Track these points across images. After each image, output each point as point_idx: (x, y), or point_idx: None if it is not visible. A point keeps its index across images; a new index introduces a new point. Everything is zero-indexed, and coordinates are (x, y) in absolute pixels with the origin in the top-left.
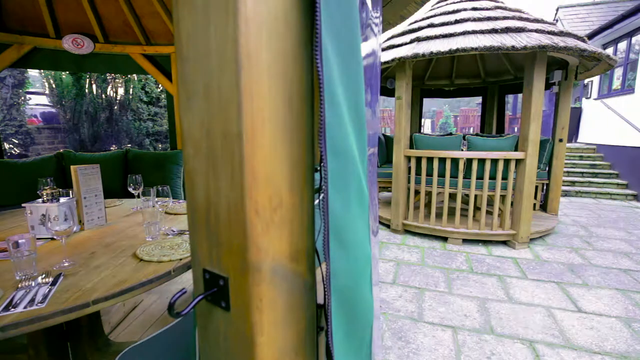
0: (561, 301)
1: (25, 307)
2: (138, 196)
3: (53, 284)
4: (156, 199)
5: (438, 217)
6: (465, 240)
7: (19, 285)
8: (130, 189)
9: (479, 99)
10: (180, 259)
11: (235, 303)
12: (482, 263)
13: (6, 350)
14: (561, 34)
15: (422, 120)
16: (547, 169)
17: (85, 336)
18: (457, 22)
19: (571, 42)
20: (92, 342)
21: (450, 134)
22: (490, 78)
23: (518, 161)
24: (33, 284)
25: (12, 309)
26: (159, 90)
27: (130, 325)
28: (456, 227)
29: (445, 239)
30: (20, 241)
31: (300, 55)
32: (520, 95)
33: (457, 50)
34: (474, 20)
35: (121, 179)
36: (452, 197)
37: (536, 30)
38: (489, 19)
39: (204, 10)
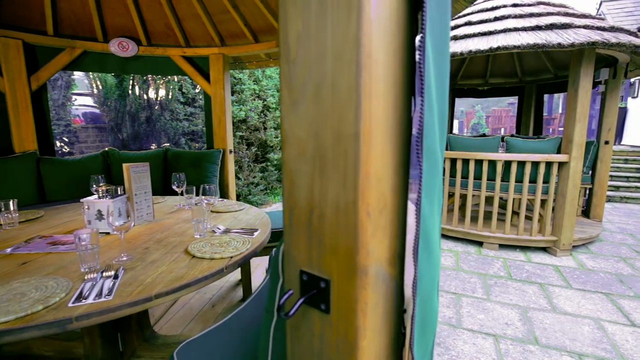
0: (611, 313)
1: (94, 299)
2: (181, 194)
3: (115, 277)
4: (202, 197)
5: (473, 220)
6: (501, 246)
7: (85, 278)
8: (173, 187)
9: (510, 99)
10: (231, 257)
11: (337, 306)
12: (521, 270)
13: (63, 337)
14: (612, 29)
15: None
16: (590, 172)
17: (134, 327)
18: (496, 19)
19: (624, 38)
20: (140, 333)
21: (484, 134)
22: (528, 77)
23: (561, 164)
24: (97, 277)
25: (84, 300)
26: (196, 91)
27: (171, 319)
28: (492, 231)
29: (480, 244)
30: (85, 235)
31: (402, 55)
32: (555, 95)
33: (498, 48)
34: (515, 17)
35: (161, 176)
36: (488, 200)
37: (584, 26)
38: (531, 15)
39: (319, 11)
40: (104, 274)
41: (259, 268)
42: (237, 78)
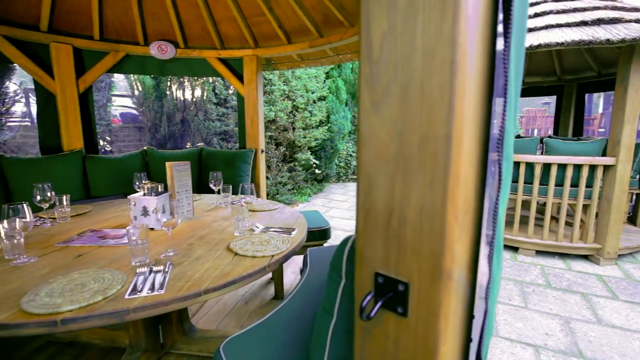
0: None
1: (148, 292)
2: (218, 192)
3: (164, 272)
4: (241, 196)
5: (508, 225)
6: (538, 252)
7: (137, 271)
8: (211, 185)
9: (544, 99)
10: (272, 256)
11: (416, 309)
12: (561, 278)
13: (109, 327)
14: None
15: None
16: (638, 176)
17: (174, 320)
18: (536, 15)
19: None
20: (180, 327)
21: (519, 135)
22: (568, 75)
23: (606, 167)
24: (147, 271)
25: (138, 293)
26: (229, 92)
27: (206, 314)
28: (529, 237)
29: (515, 249)
30: (135, 231)
31: (487, 53)
32: (595, 95)
33: (539, 46)
34: (557, 12)
35: (196, 175)
36: (524, 204)
37: (636, 20)
38: (575, 10)
39: (407, 10)
40: (154, 268)
41: (290, 266)
42: (268, 79)
